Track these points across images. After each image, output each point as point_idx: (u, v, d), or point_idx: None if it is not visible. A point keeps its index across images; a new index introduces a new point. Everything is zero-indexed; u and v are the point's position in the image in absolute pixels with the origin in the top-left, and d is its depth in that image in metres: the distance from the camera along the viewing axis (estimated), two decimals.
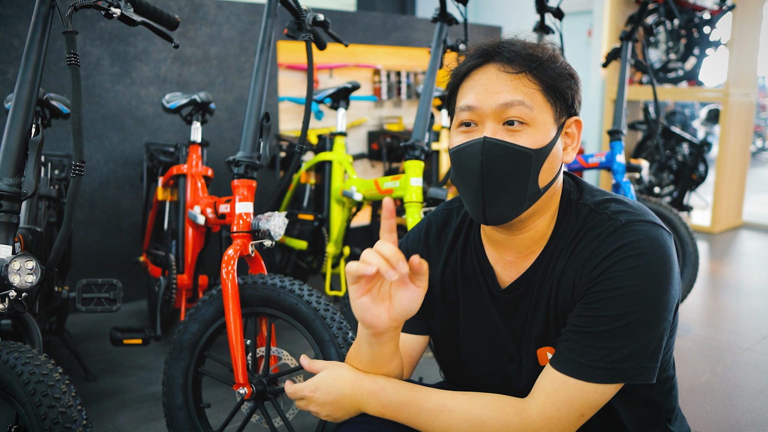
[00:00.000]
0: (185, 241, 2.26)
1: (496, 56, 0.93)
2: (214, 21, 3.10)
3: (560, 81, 0.92)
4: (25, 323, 1.30)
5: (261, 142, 1.63)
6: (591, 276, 0.89)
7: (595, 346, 0.87)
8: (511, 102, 0.90)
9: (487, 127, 0.92)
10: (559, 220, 0.98)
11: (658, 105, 2.86)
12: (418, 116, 2.05)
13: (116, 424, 1.87)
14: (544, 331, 0.97)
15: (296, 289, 1.46)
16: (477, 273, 1.05)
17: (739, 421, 1.88)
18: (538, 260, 0.98)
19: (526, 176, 0.91)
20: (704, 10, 4.52)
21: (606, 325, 0.87)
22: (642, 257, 0.87)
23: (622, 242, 0.88)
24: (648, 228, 0.89)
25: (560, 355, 0.90)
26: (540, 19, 2.69)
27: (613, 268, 0.87)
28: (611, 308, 0.87)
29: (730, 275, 3.43)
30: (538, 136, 0.91)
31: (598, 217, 0.94)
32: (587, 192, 0.99)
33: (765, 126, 10.02)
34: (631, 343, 0.86)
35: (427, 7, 6.91)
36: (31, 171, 1.24)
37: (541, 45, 0.95)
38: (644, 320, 0.86)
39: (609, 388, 0.88)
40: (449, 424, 0.91)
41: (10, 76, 2.61)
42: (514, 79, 0.91)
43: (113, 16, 1.33)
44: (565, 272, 0.94)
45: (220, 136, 3.17)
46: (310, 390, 0.98)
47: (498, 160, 0.90)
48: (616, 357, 0.87)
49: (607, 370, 0.87)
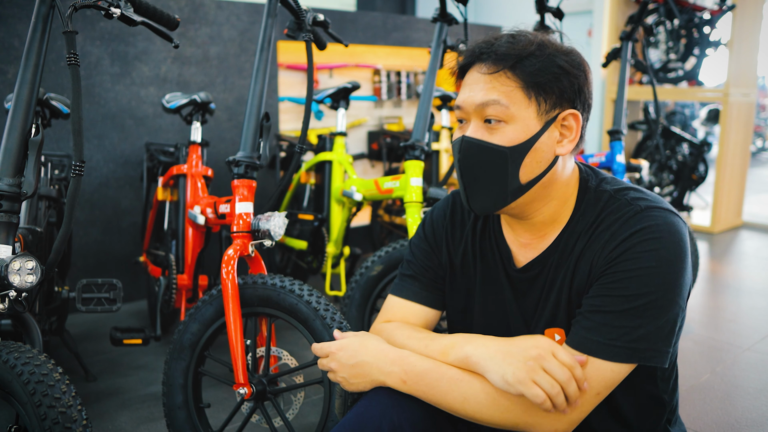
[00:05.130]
0: (185, 241, 2.26)
1: (479, 57, 0.97)
2: (214, 21, 3.10)
3: (542, 76, 0.93)
4: (25, 323, 1.29)
5: (261, 142, 1.63)
6: (610, 257, 0.92)
7: (612, 324, 0.90)
8: (486, 102, 0.94)
9: (471, 125, 0.98)
10: (578, 204, 1.01)
11: (658, 105, 2.86)
12: (418, 116, 2.05)
13: (116, 424, 1.87)
14: (554, 312, 1.00)
15: (296, 289, 1.46)
16: (494, 252, 1.09)
17: (739, 421, 1.88)
18: (555, 242, 1.01)
19: (503, 172, 0.95)
20: (704, 10, 4.52)
21: (624, 304, 0.90)
22: (660, 241, 0.90)
23: (642, 225, 0.91)
24: (666, 215, 0.93)
25: (577, 334, 0.93)
26: (540, 19, 2.69)
27: (633, 249, 0.90)
28: (629, 288, 0.89)
29: (730, 275, 3.43)
30: (515, 133, 0.94)
31: (617, 202, 0.97)
32: (606, 181, 1.02)
33: (765, 126, 10.01)
34: (647, 323, 0.89)
35: (427, 7, 6.91)
36: (31, 171, 1.24)
37: (531, 38, 0.95)
38: (660, 302, 0.89)
39: (624, 368, 0.90)
40: (468, 394, 0.92)
41: (10, 76, 2.61)
42: (492, 79, 0.94)
43: (113, 16, 1.33)
44: (584, 254, 0.97)
45: (220, 136, 3.17)
46: (336, 348, 1.03)
47: (473, 158, 0.97)
48: (632, 336, 0.89)
49: (624, 349, 0.89)
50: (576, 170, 1.03)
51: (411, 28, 3.98)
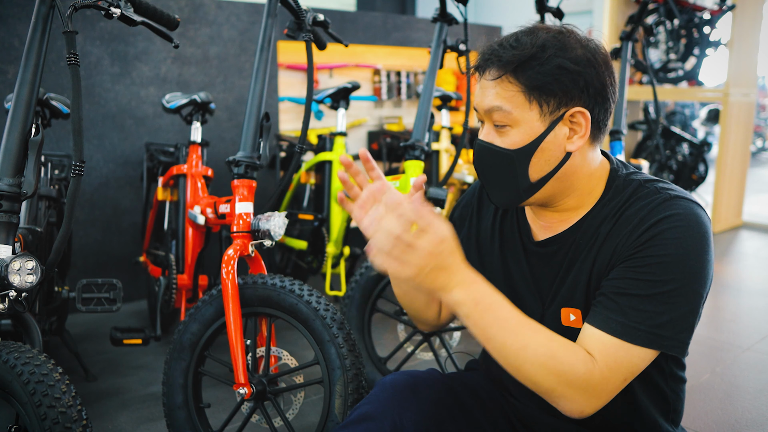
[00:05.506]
0: (185, 241, 2.26)
1: (486, 62, 0.99)
2: (214, 21, 3.10)
3: (541, 79, 0.94)
4: (25, 323, 1.29)
5: (261, 142, 1.63)
6: (638, 241, 0.93)
7: (638, 308, 0.91)
8: (490, 108, 0.98)
9: (484, 128, 1.01)
10: (605, 192, 1.03)
11: (658, 105, 2.86)
12: (418, 116, 2.05)
13: (116, 424, 1.87)
14: (571, 292, 1.01)
15: (296, 289, 1.46)
16: (514, 227, 1.12)
17: (739, 421, 1.88)
18: (578, 223, 1.03)
19: (512, 173, 0.98)
20: (704, 10, 4.52)
21: (650, 289, 0.91)
22: (688, 230, 0.92)
23: (671, 212, 0.93)
24: (694, 206, 0.95)
25: (600, 314, 0.93)
26: (540, 19, 2.68)
27: (662, 235, 0.92)
28: (656, 273, 0.91)
29: (730, 275, 3.43)
30: (519, 136, 0.97)
31: (646, 190, 0.98)
32: (635, 172, 1.05)
33: (765, 126, 10.01)
34: (670, 311, 0.90)
35: (427, 7, 6.91)
36: (31, 171, 1.24)
37: (531, 42, 0.95)
38: (684, 290, 0.91)
39: (645, 353, 0.91)
40: (528, 343, 0.89)
41: (10, 76, 2.61)
42: (496, 85, 0.97)
43: (113, 16, 1.33)
44: (609, 237, 0.98)
45: (220, 136, 3.17)
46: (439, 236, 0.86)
47: (485, 160, 1.01)
48: (656, 322, 0.90)
49: (647, 334, 0.90)
50: (605, 162, 1.05)
51: (411, 28, 3.98)
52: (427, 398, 1.05)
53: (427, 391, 1.06)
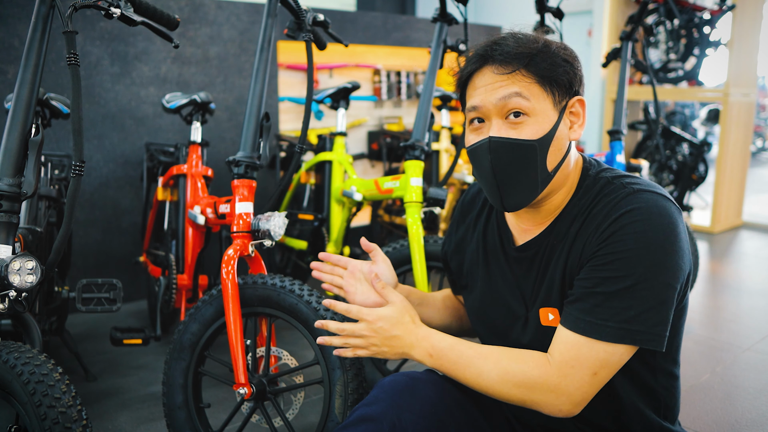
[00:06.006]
0: (185, 241, 2.26)
1: (489, 59, 1.00)
2: (214, 21, 3.10)
3: (554, 70, 0.98)
4: (25, 323, 1.29)
5: (261, 142, 1.63)
6: (601, 237, 0.95)
7: (604, 305, 0.92)
8: (508, 94, 0.97)
9: (493, 125, 1.00)
10: (576, 189, 1.05)
11: (658, 105, 2.86)
12: (418, 116, 2.05)
13: (116, 424, 1.87)
14: (548, 292, 1.03)
15: (296, 289, 1.46)
16: (495, 235, 1.15)
17: (739, 421, 1.88)
18: (552, 224, 1.05)
19: (534, 165, 0.99)
20: (704, 10, 4.52)
21: (614, 285, 0.92)
22: (648, 223, 0.92)
23: (631, 207, 0.94)
24: (657, 198, 0.95)
25: (570, 315, 0.96)
26: (540, 19, 2.69)
27: (622, 231, 0.93)
28: (618, 269, 0.92)
29: (730, 275, 3.43)
30: (539, 125, 0.98)
31: (612, 186, 1.00)
32: (606, 170, 1.06)
33: (765, 126, 10.01)
34: (637, 305, 0.91)
35: (427, 7, 6.91)
36: (31, 171, 1.24)
37: (533, 37, 1.00)
38: (650, 283, 0.91)
39: (619, 348, 0.93)
40: (483, 370, 1.00)
41: (10, 76, 2.61)
42: (509, 78, 0.98)
43: (113, 16, 1.33)
44: (579, 236, 1.00)
45: (220, 136, 3.17)
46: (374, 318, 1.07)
47: (505, 156, 0.99)
48: (624, 317, 0.91)
49: (616, 329, 0.92)
50: (579, 159, 1.08)
51: (411, 28, 3.98)
52: (426, 399, 1.05)
53: (426, 391, 1.06)
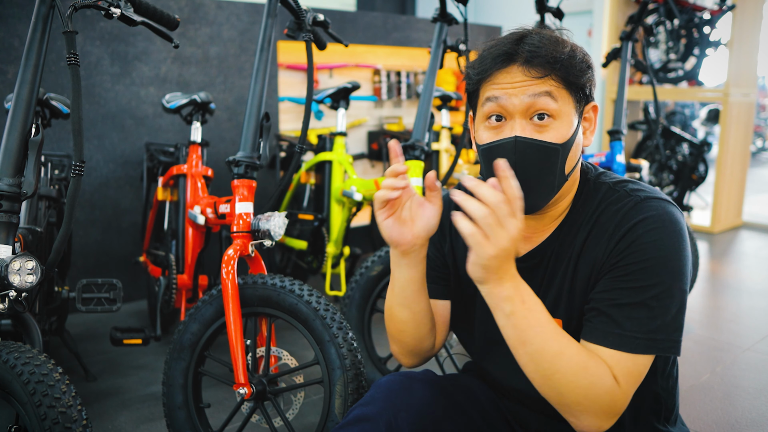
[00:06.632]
0: (185, 241, 2.26)
1: (518, 57, 0.96)
2: (214, 21, 3.10)
3: (581, 76, 0.97)
4: (25, 323, 1.30)
5: (261, 142, 1.63)
6: (617, 249, 0.94)
7: (631, 317, 0.91)
8: (539, 93, 0.94)
9: (516, 124, 0.95)
10: (577, 196, 1.03)
11: (658, 105, 2.86)
12: (418, 116, 2.05)
13: (116, 424, 1.87)
14: (555, 302, 1.01)
15: (296, 289, 1.46)
16: None
17: (739, 421, 1.88)
18: (555, 233, 1.03)
19: (554, 168, 0.96)
20: (704, 10, 4.52)
21: (639, 295, 0.91)
22: (662, 231, 0.92)
23: (645, 215, 0.94)
24: (665, 205, 0.95)
25: (597, 329, 0.93)
26: (540, 19, 2.69)
27: (640, 240, 0.92)
28: (642, 279, 0.91)
29: (730, 275, 3.43)
30: (563, 129, 0.96)
31: (616, 194, 0.99)
32: (604, 174, 1.05)
33: (765, 126, 10.01)
34: (662, 313, 0.91)
35: (427, 7, 6.91)
36: (31, 171, 1.24)
37: (559, 38, 0.98)
38: (670, 291, 0.91)
39: (645, 359, 0.92)
40: (564, 351, 0.89)
41: (10, 76, 2.61)
42: (536, 79, 0.95)
43: (113, 16, 1.33)
44: (587, 245, 0.98)
45: (220, 136, 3.17)
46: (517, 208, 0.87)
47: (530, 158, 0.95)
48: (650, 327, 0.91)
49: (645, 340, 0.91)
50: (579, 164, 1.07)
51: (411, 28, 3.98)
52: (423, 399, 1.05)
53: (422, 391, 1.06)
